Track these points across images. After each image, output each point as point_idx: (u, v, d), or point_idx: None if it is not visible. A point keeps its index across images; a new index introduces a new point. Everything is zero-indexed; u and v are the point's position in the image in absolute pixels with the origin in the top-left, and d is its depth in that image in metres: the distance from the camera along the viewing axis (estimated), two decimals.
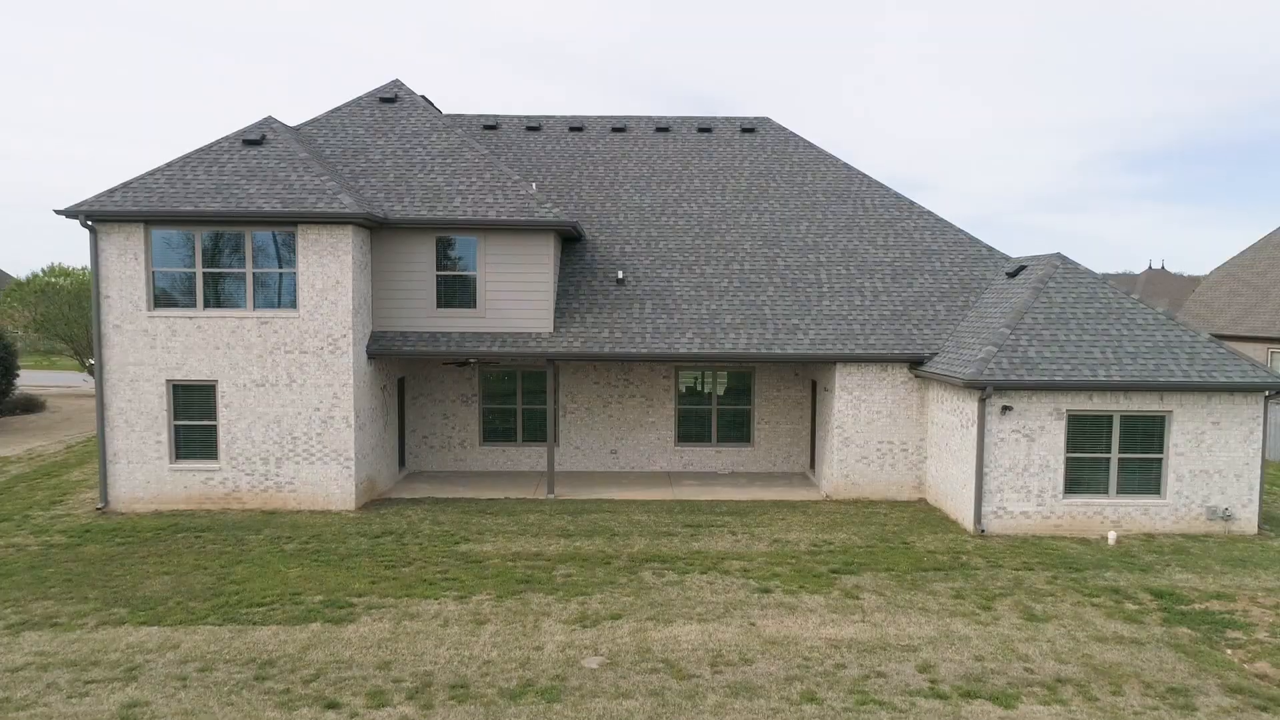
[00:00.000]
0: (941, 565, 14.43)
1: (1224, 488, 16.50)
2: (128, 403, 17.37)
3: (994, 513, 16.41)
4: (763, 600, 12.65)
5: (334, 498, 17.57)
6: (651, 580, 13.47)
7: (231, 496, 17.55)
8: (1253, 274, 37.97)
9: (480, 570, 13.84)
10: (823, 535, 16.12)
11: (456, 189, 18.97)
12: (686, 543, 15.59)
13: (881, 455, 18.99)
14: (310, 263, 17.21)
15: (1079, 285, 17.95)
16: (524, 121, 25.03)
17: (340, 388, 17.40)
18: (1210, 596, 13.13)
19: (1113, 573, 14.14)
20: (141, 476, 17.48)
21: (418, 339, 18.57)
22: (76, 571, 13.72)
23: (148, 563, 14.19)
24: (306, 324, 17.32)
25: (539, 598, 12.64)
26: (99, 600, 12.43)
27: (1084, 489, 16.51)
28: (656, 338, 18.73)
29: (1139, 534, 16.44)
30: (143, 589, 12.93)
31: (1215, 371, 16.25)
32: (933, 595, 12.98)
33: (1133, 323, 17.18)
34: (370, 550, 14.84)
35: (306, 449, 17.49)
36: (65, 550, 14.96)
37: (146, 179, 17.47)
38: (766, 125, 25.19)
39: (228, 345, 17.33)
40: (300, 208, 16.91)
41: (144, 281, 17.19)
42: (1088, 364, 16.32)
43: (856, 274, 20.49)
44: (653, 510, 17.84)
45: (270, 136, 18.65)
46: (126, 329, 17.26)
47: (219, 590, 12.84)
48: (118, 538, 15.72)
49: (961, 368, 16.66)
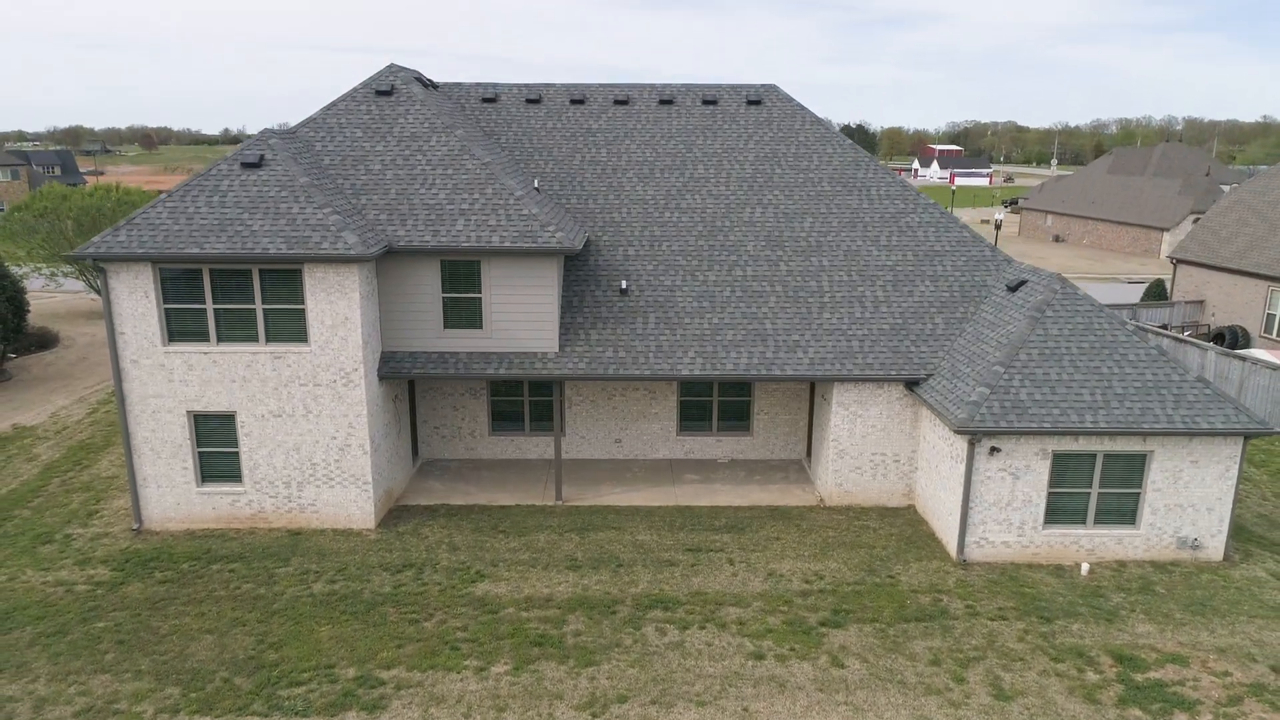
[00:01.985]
0: (923, 613, 15.57)
1: (1196, 520, 17.45)
2: (151, 432, 18.10)
3: (976, 543, 17.45)
4: (756, 672, 13.85)
5: (354, 517, 18.61)
6: (655, 641, 14.65)
7: (257, 517, 18.60)
8: (1264, 203, 37.58)
9: (496, 626, 15.00)
10: (814, 565, 17.23)
11: (459, 208, 18.88)
12: (687, 578, 16.72)
13: (874, 466, 19.86)
14: (319, 300, 17.47)
15: (1076, 314, 18.21)
16: (524, 93, 24.32)
17: (355, 418, 18.07)
18: (1167, 660, 14.33)
19: (1080, 624, 15.30)
20: (171, 499, 18.46)
21: (426, 360, 19.05)
22: (126, 628, 14.90)
23: (189, 614, 15.37)
24: (319, 358, 17.78)
25: (551, 669, 13.86)
26: (152, 675, 13.65)
27: (1063, 520, 17.48)
28: (660, 357, 19.18)
29: (1112, 561, 17.55)
30: (190, 655, 14.14)
31: (1199, 416, 16.82)
32: (912, 661, 14.17)
33: (1124, 359, 17.59)
34: (393, 595, 15.99)
35: (326, 474, 18.37)
36: (110, 591, 16.13)
37: (150, 214, 17.44)
38: (773, 96, 24.46)
39: (243, 379, 17.87)
40: (305, 248, 17.00)
41: (156, 318, 17.52)
42: (1076, 408, 16.89)
43: (858, 280, 20.64)
44: (656, 525, 18.89)
45: (269, 157, 18.39)
46: (144, 363, 17.75)
47: (260, 659, 14.05)
48: (157, 570, 16.88)
49: (955, 408, 17.23)
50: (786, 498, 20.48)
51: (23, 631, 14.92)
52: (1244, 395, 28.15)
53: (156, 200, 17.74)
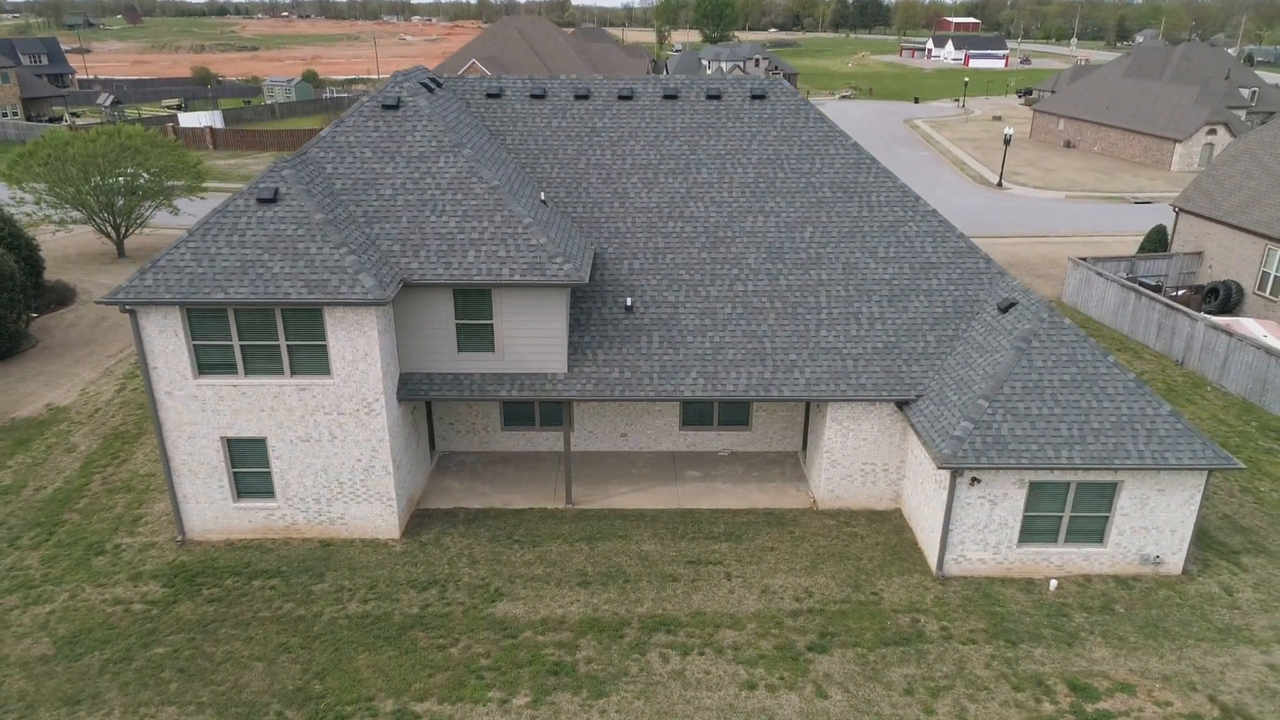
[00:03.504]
0: (902, 636, 17.21)
1: (1159, 540, 18.87)
2: (189, 455, 19.38)
3: (954, 560, 18.95)
4: (748, 703, 15.57)
5: (380, 529, 20.11)
6: (658, 669, 16.33)
7: (291, 529, 20.10)
8: (1271, 156, 37.51)
9: (515, 652, 16.68)
10: (805, 580, 18.80)
11: (470, 238, 19.50)
12: (688, 595, 18.32)
13: (864, 474, 21.17)
14: (339, 337, 18.38)
15: (1060, 344, 19.08)
16: (528, 88, 24.32)
17: (378, 442, 19.30)
18: (1117, 688, 16.01)
19: (1042, 649, 16.94)
20: (210, 513, 19.92)
21: (442, 381, 20.09)
22: (184, 655, 16.59)
23: (238, 638, 17.05)
24: (342, 389, 18.84)
25: (567, 700, 15.58)
26: (213, 708, 15.40)
27: (1035, 539, 18.91)
28: (663, 378, 20.19)
29: (1079, 575, 19.09)
30: (244, 686, 15.86)
31: (1168, 451, 17.97)
32: (888, 691, 15.87)
33: (1103, 392, 18.59)
34: (421, 617, 17.62)
35: (352, 491, 19.75)
36: (164, 611, 17.80)
37: (174, 256, 18.14)
38: (777, 89, 24.45)
39: (271, 408, 19.00)
40: (324, 292, 17.79)
41: (186, 354, 18.50)
42: (1054, 443, 18.03)
43: (855, 295, 21.38)
44: (659, 534, 20.38)
45: (283, 191, 18.89)
46: (177, 394, 18.84)
47: (307, 690, 15.77)
48: (204, 588, 18.51)
49: (940, 441, 18.37)
50: (782, 499, 21.90)
51: (92, 658, 16.63)
52: (1228, 370, 29.18)
53: (179, 241, 18.39)
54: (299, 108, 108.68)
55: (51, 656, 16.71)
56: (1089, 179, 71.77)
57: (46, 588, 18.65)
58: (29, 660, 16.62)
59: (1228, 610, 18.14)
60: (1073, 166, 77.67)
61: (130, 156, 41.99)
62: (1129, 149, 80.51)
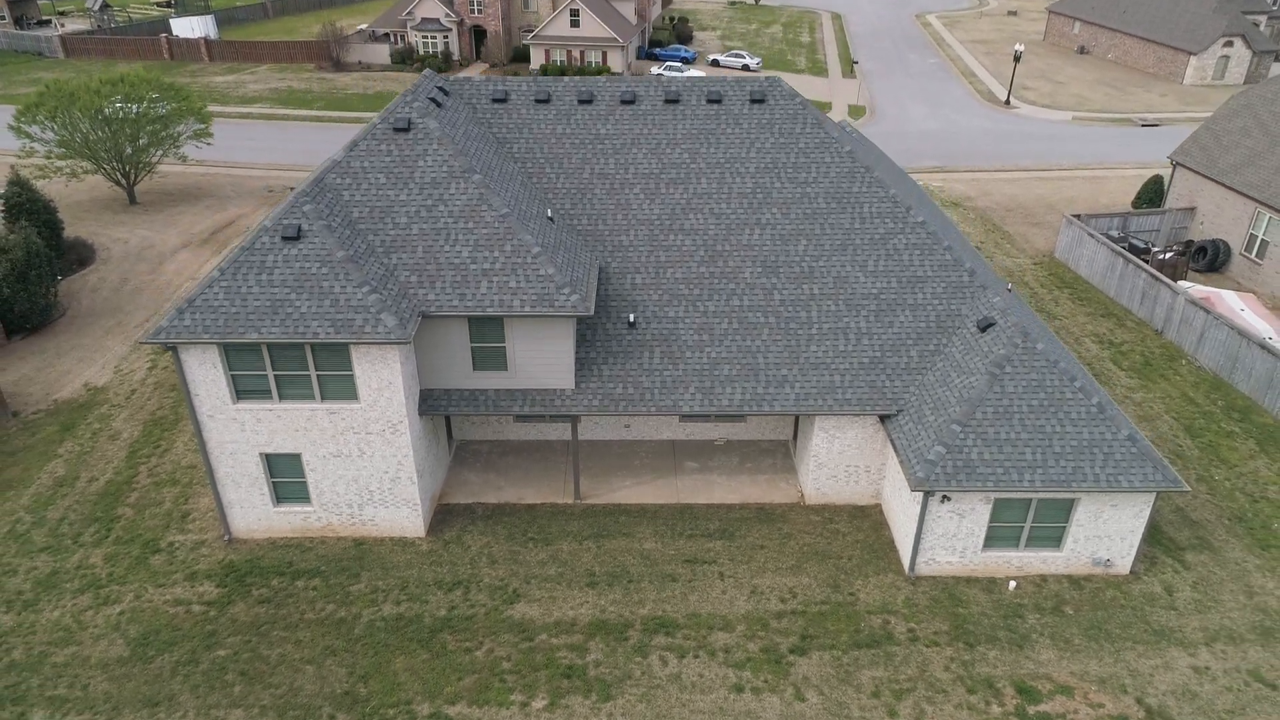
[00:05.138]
0: (874, 638, 19.50)
1: (1110, 545, 20.92)
2: (231, 468, 21.30)
3: (925, 562, 21.08)
4: (736, 706, 17.98)
5: (407, 529, 22.23)
6: (658, 672, 18.70)
7: (326, 529, 22.23)
8: (1270, 114, 37.88)
9: (533, 655, 19.02)
10: (790, 581, 21.00)
11: (482, 268, 20.75)
12: (685, 595, 20.58)
13: (848, 474, 23.09)
14: (365, 369, 19.96)
15: (1031, 371, 20.59)
16: (533, 92, 24.90)
17: (403, 458, 21.16)
18: (1057, 691, 18.38)
19: (996, 651, 19.25)
20: (254, 516, 22.01)
21: (459, 397, 21.76)
22: (243, 658, 18.95)
23: (289, 641, 19.39)
24: (369, 413, 20.56)
25: (578, 702, 18.00)
26: (274, 710, 17.84)
27: (999, 545, 20.97)
28: (664, 392, 21.83)
29: (1036, 575, 21.26)
30: (298, 689, 18.27)
31: (1121, 475, 19.77)
32: (858, 693, 18.25)
33: (1067, 417, 20.23)
34: (448, 620, 19.91)
35: (381, 498, 21.76)
36: (220, 613, 20.11)
37: (209, 295, 19.50)
38: (776, 91, 25.01)
39: (305, 429, 20.77)
40: (350, 331, 19.26)
41: (225, 383, 20.13)
42: (1018, 466, 19.82)
43: (844, 310, 22.72)
44: (660, 531, 22.50)
45: (305, 228, 20.04)
46: (219, 417, 20.59)
47: (354, 693, 18.19)
48: (253, 588, 20.79)
49: (915, 463, 20.16)
50: (773, 493, 23.92)
51: (163, 660, 19.03)
52: (1203, 345, 30.68)
53: (212, 280, 19.69)
54: (292, 4, 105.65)
55: (127, 658, 19.11)
56: (1098, 95, 70.87)
57: (113, 588, 20.93)
58: (108, 662, 19.02)
59: (1165, 611, 20.37)
60: (1084, 79, 76.42)
61: (137, 106, 42.20)
62: (1143, 58, 78.89)
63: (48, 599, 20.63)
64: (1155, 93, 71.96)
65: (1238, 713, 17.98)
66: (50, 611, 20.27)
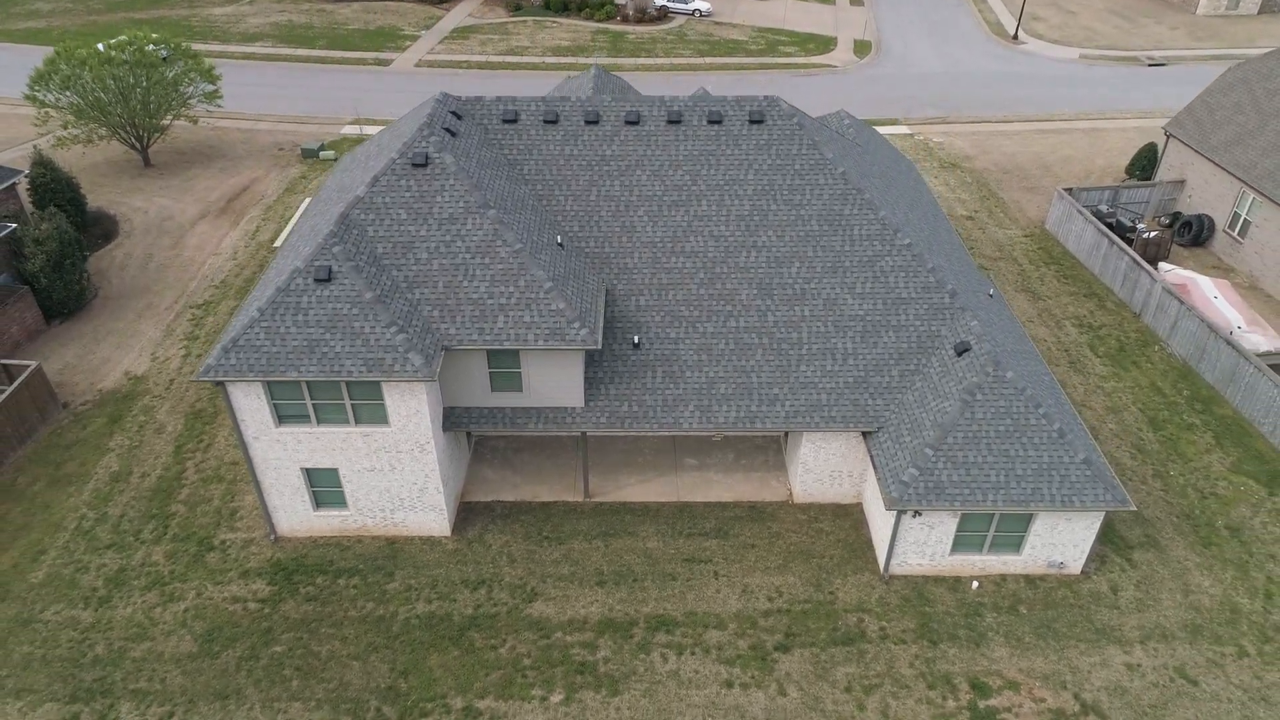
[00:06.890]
0: (849, 636, 22.20)
1: (1064, 550, 23.39)
2: (275, 480, 23.66)
3: (898, 564, 23.63)
4: (725, 700, 20.80)
5: (434, 530, 24.76)
6: (659, 666, 21.47)
7: (362, 530, 24.77)
8: (1264, 90, 38.52)
9: (550, 652, 21.78)
10: (777, 580, 23.59)
11: (498, 303, 22.54)
12: (683, 594, 23.22)
13: (833, 478, 25.42)
14: (395, 400, 22.05)
15: (1000, 399, 22.60)
16: (541, 112, 26.03)
17: (429, 472, 23.47)
18: (1006, 686, 21.15)
19: (956, 649, 21.96)
20: (296, 519, 24.52)
21: (479, 414, 23.90)
22: (298, 654, 21.72)
23: (335, 638, 22.15)
24: (399, 435, 22.75)
25: (590, 697, 20.83)
26: (329, 704, 20.68)
27: (964, 550, 23.45)
28: (665, 411, 23.93)
29: (996, 575, 23.84)
30: (347, 684, 21.09)
31: (1075, 495, 22.05)
32: (832, 688, 21.04)
33: (1030, 442, 22.36)
34: (474, 618, 22.61)
35: (410, 504, 24.19)
36: (274, 609, 22.83)
37: (251, 336, 21.41)
38: (774, 111, 26.11)
39: (341, 448, 23.02)
40: (380, 370, 21.25)
41: (268, 411, 22.26)
42: (983, 487, 22.08)
43: (832, 331, 24.55)
44: (661, 530, 25.00)
45: (335, 269, 21.77)
46: (263, 439, 22.81)
47: (396, 687, 21.01)
48: (300, 585, 23.45)
49: (890, 483, 22.41)
50: (764, 490, 26.32)
51: (228, 655, 21.82)
52: (1175, 333, 32.51)
53: (253, 320, 21.52)
54: None
55: (195, 654, 21.91)
56: (1108, 28, 70.01)
57: (176, 585, 23.61)
58: (180, 657, 21.83)
59: (1109, 610, 22.99)
60: (1095, 6, 75.20)
61: (145, 71, 42.79)
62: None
63: (119, 596, 23.32)
64: (1166, 25, 71.00)
65: (1161, 707, 20.78)
66: (123, 608, 22.98)
